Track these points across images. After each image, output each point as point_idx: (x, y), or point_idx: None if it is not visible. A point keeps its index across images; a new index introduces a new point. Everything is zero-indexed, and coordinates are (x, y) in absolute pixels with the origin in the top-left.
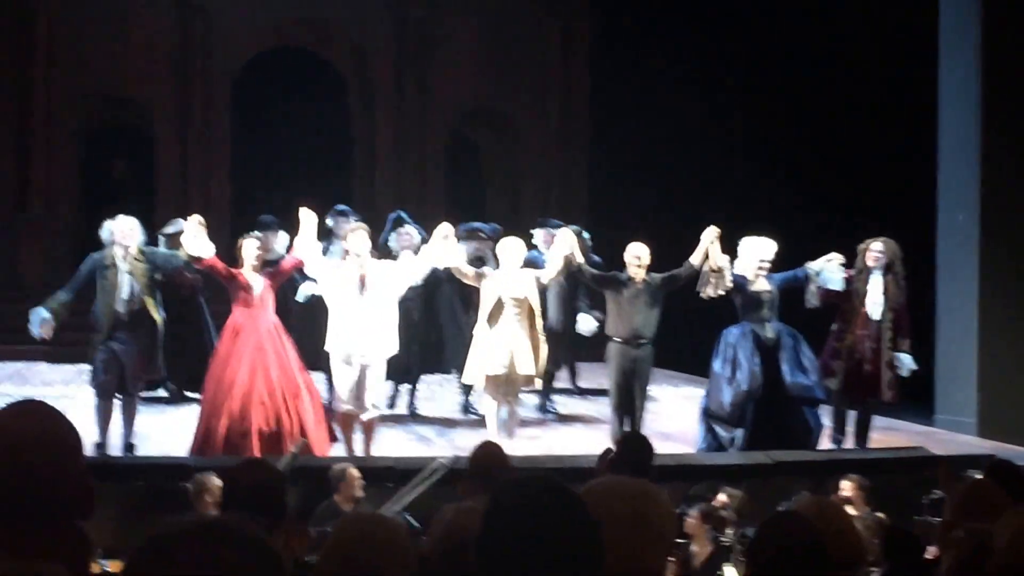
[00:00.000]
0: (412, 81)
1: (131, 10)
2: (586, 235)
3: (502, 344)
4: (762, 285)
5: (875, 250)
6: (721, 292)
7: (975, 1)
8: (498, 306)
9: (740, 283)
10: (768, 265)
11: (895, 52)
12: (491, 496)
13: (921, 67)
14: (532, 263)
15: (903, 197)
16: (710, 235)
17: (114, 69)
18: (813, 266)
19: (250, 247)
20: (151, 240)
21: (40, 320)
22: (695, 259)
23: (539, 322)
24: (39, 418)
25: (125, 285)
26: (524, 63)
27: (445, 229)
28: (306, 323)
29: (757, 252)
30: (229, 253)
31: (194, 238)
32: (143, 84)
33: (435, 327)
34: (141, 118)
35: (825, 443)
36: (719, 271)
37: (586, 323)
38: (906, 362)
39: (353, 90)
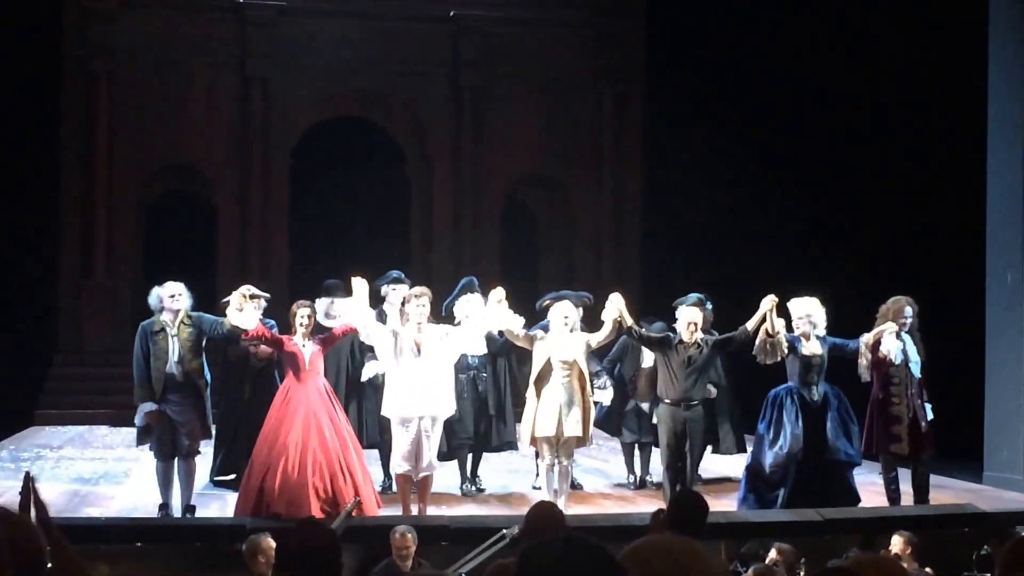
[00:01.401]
0: (468, 149)
1: (191, 82)
2: (709, 305)
3: (551, 406)
4: (814, 349)
5: (907, 315)
6: (777, 359)
7: (1021, 68)
8: (547, 368)
9: (794, 346)
10: (815, 322)
11: (942, 114)
12: (520, 554)
13: (969, 130)
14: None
15: (952, 257)
16: (768, 303)
17: (175, 140)
18: (867, 339)
19: (301, 314)
20: (200, 305)
21: (146, 412)
22: (751, 324)
23: (588, 385)
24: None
25: (175, 350)
26: (577, 130)
27: (499, 294)
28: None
29: (802, 310)
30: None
31: (238, 310)
32: (204, 154)
33: (497, 400)
34: (202, 187)
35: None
36: (775, 336)
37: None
38: (928, 411)
39: (410, 158)
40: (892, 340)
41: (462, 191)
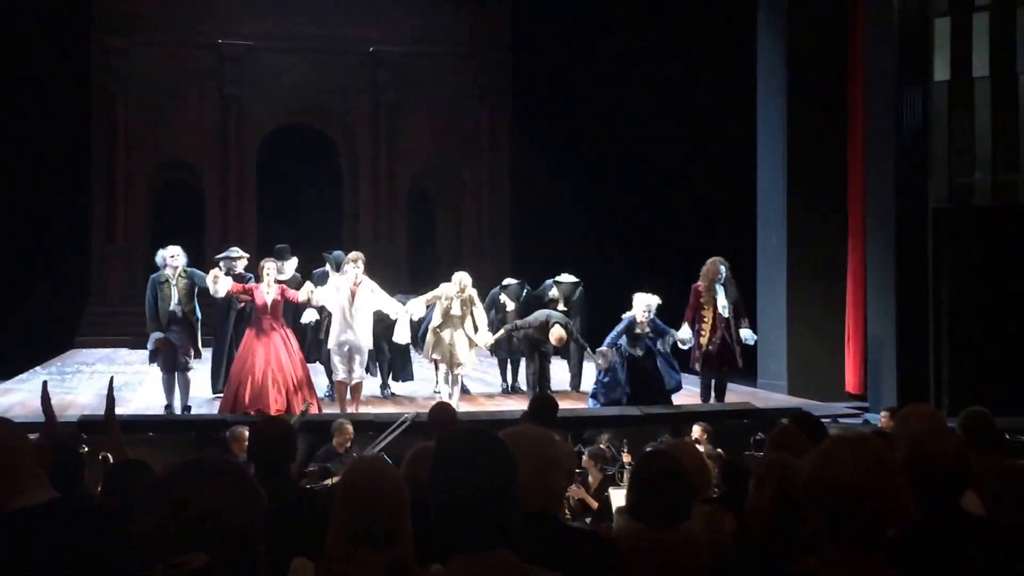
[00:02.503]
0: (384, 148)
1: (186, 98)
2: (579, 290)
3: (444, 341)
4: (644, 328)
5: (721, 272)
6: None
7: (783, 76)
8: (446, 318)
9: (630, 324)
10: (652, 311)
11: (726, 121)
12: (438, 439)
13: (744, 136)
14: (495, 302)
15: (734, 225)
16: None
17: (173, 142)
18: (675, 333)
19: (267, 269)
20: (191, 262)
21: (155, 339)
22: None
23: (471, 328)
24: None
25: (175, 295)
26: (464, 134)
27: (412, 307)
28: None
29: (644, 303)
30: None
31: (214, 282)
32: (194, 152)
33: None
34: (193, 176)
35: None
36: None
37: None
38: (748, 336)
39: (343, 154)
40: (688, 339)
41: (379, 179)
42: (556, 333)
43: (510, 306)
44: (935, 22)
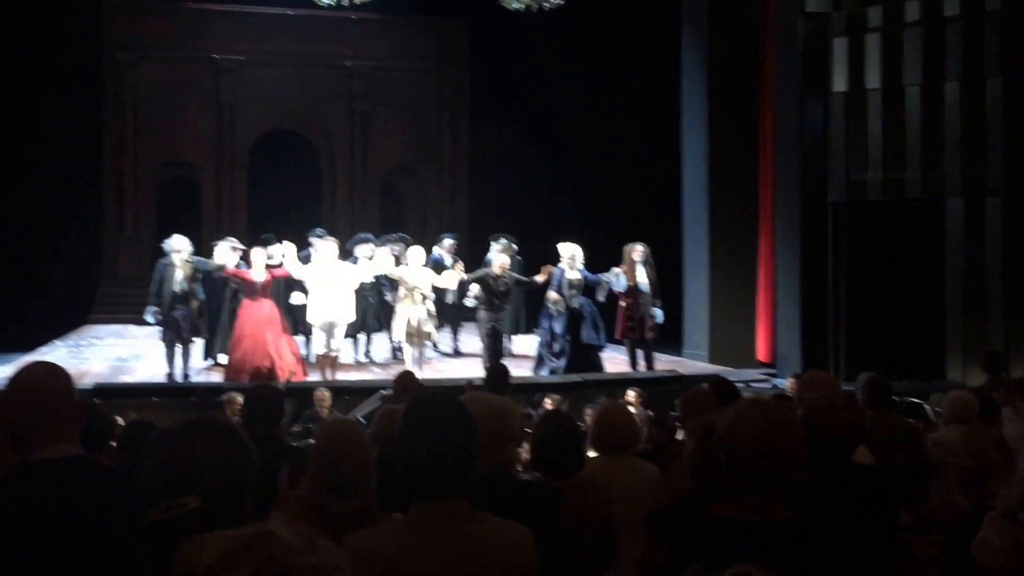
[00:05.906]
0: (359, 149)
1: (186, 106)
2: (514, 247)
3: (411, 322)
4: (574, 276)
5: (639, 251)
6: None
7: (705, 88)
8: (408, 294)
9: (558, 276)
10: (577, 260)
11: (655, 127)
12: (408, 402)
13: (671, 140)
14: (437, 263)
15: (663, 217)
16: (546, 273)
17: (175, 143)
18: (604, 276)
19: (256, 254)
20: (198, 250)
21: (152, 312)
22: (539, 278)
23: (431, 303)
24: (45, 368)
25: (180, 278)
26: (427, 138)
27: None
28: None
29: (568, 251)
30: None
31: (223, 254)
32: (193, 152)
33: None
34: (191, 174)
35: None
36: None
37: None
38: (658, 314)
39: (322, 155)
40: (620, 276)
41: (354, 176)
42: (499, 260)
43: (447, 260)
44: (834, 41)
